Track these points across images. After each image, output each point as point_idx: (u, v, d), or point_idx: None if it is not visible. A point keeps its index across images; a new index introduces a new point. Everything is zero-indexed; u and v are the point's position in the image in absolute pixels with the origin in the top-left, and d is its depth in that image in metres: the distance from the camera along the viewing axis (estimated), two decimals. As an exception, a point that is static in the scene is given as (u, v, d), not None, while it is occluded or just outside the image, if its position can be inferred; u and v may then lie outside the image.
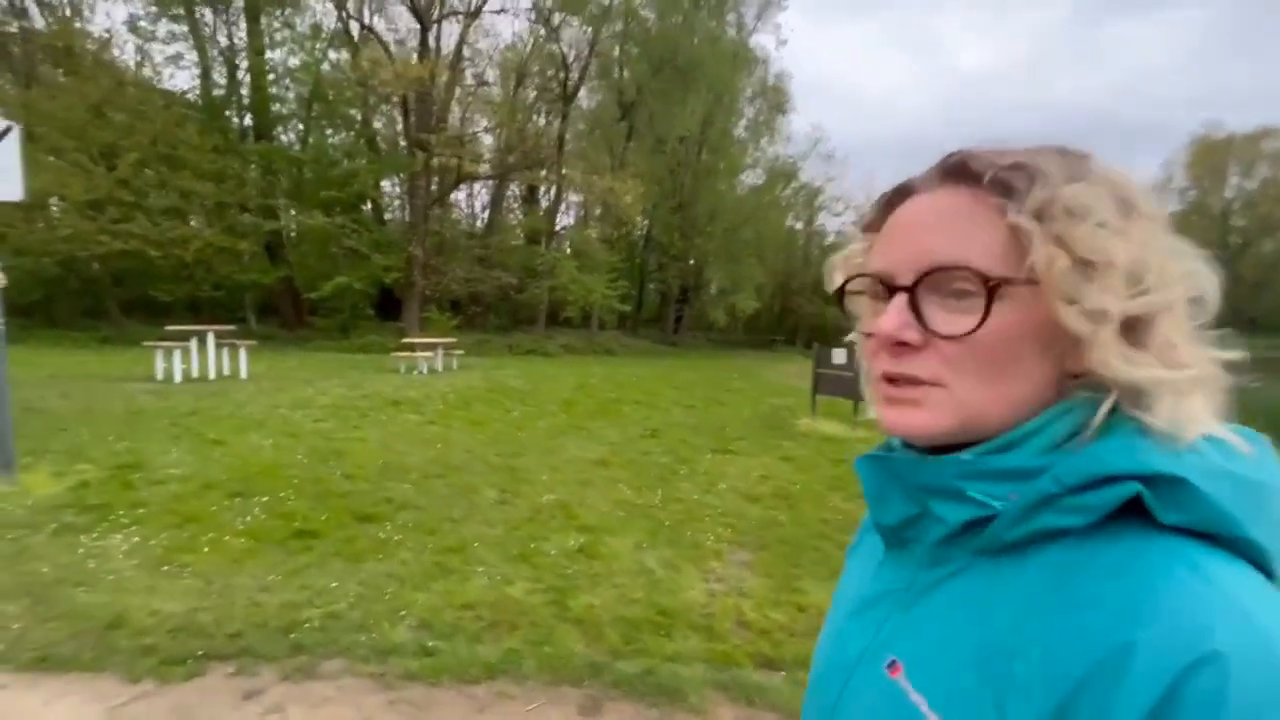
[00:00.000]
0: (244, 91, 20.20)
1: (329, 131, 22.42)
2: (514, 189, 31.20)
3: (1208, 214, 56.98)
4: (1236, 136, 54.77)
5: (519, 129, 20.52)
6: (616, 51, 22.83)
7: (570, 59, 20.92)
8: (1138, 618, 0.33)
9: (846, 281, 0.49)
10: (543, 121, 24.57)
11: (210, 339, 11.12)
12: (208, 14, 19.64)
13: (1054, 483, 0.37)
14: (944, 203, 0.42)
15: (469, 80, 21.71)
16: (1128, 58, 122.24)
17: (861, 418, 8.11)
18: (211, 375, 10.95)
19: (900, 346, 0.42)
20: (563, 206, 23.85)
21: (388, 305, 22.73)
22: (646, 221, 22.70)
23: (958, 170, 0.42)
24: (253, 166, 17.69)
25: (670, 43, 21.38)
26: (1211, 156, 56.58)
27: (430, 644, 2.61)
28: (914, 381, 0.42)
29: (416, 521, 4.05)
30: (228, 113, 21.06)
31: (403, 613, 2.87)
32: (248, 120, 20.91)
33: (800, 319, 34.79)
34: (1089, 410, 0.39)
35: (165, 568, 3.23)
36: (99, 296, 19.21)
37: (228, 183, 17.46)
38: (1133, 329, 0.38)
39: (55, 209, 15.64)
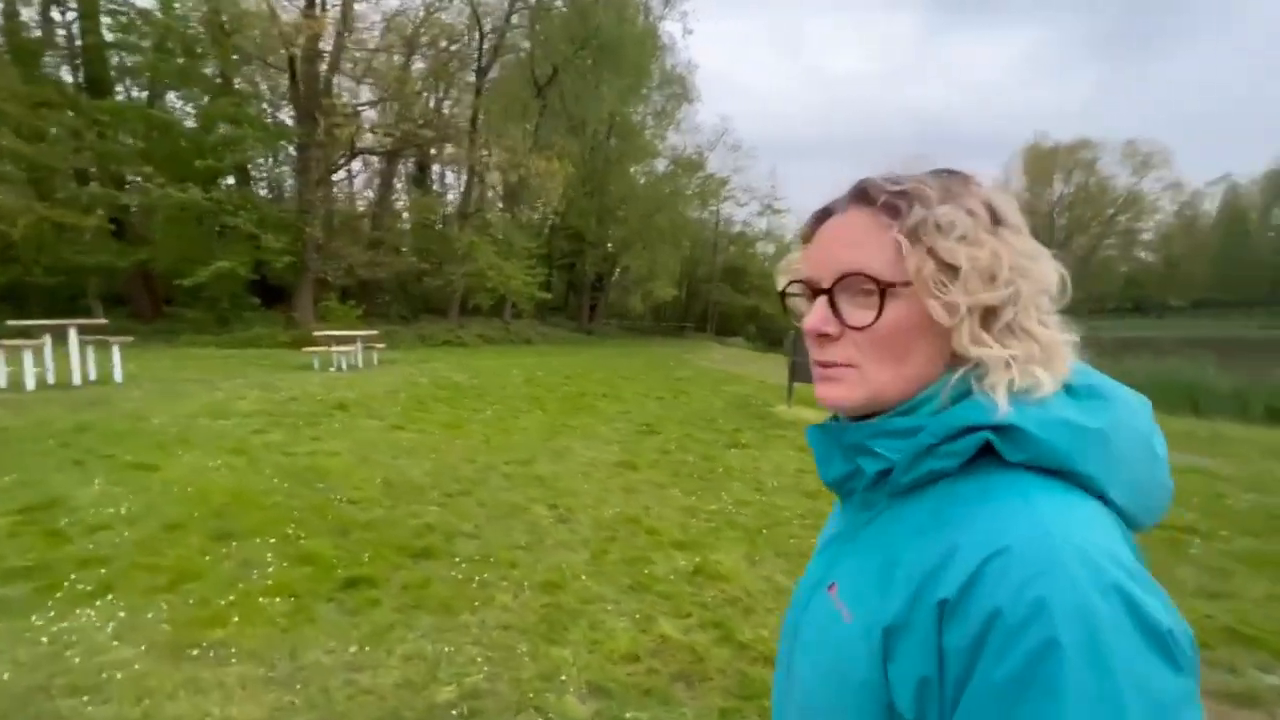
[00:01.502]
0: (75, 35, 16.62)
1: (191, 91, 19.05)
2: (401, 167, 28.89)
3: (1038, 213, 65.90)
4: (1060, 146, 63.69)
5: (424, 100, 18.79)
6: (535, 26, 21.53)
7: (487, 29, 19.41)
8: (966, 527, 0.46)
9: (788, 285, 0.60)
10: (445, 95, 22.81)
11: (73, 336, 8.99)
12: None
13: (930, 436, 0.50)
14: (851, 221, 0.54)
15: (365, 43, 19.46)
16: (972, 71, 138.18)
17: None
18: (75, 380, 8.88)
19: (823, 337, 0.54)
20: (474, 188, 22.22)
21: (265, 293, 19.91)
22: (559, 206, 21.81)
23: (860, 195, 0.54)
24: (97, 127, 14.49)
25: (593, 19, 20.54)
26: (1040, 163, 65.43)
27: (629, 716, 2.09)
28: (835, 364, 0.54)
29: (483, 553, 3.38)
30: (48, 59, 17.27)
31: (561, 677, 2.30)
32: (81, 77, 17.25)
33: (708, 306, 35.60)
34: (963, 382, 0.50)
35: (193, 651, 2.37)
36: None
37: (60, 146, 14.24)
38: (987, 317, 0.50)
39: None
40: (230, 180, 18.82)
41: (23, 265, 15.08)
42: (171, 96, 20.01)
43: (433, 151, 24.80)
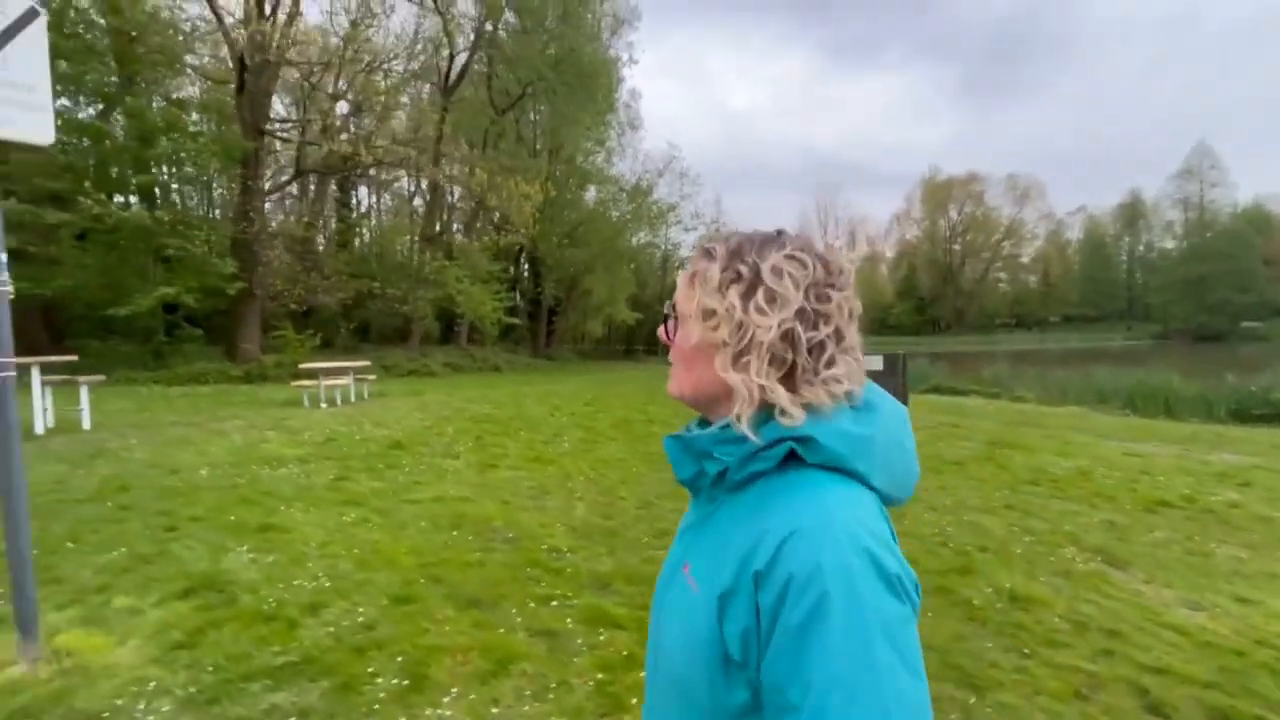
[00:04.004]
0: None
1: (93, 99, 16.87)
2: (363, 187, 27.26)
3: (935, 239, 72.39)
4: (953, 179, 70.50)
5: (388, 117, 17.85)
6: (504, 47, 21.07)
7: (462, 47, 18.79)
8: (774, 515, 0.59)
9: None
10: (401, 114, 21.79)
11: (35, 375, 7.57)
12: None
13: (755, 444, 0.62)
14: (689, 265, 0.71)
15: (312, 55, 18.25)
16: (857, 109, 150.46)
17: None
18: (39, 428, 7.48)
19: (664, 344, 0.74)
20: (437, 210, 21.20)
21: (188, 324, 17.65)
22: (531, 230, 21.28)
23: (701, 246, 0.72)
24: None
25: (567, 42, 20.40)
26: (936, 194, 72.06)
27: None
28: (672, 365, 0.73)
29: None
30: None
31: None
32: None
33: (657, 329, 35.86)
34: (765, 402, 0.63)
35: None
36: None
37: None
38: (736, 354, 0.64)
39: None
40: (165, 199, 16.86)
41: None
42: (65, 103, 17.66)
43: (374, 173, 23.62)
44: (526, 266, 28.16)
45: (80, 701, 2.19)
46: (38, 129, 2.41)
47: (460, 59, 19.54)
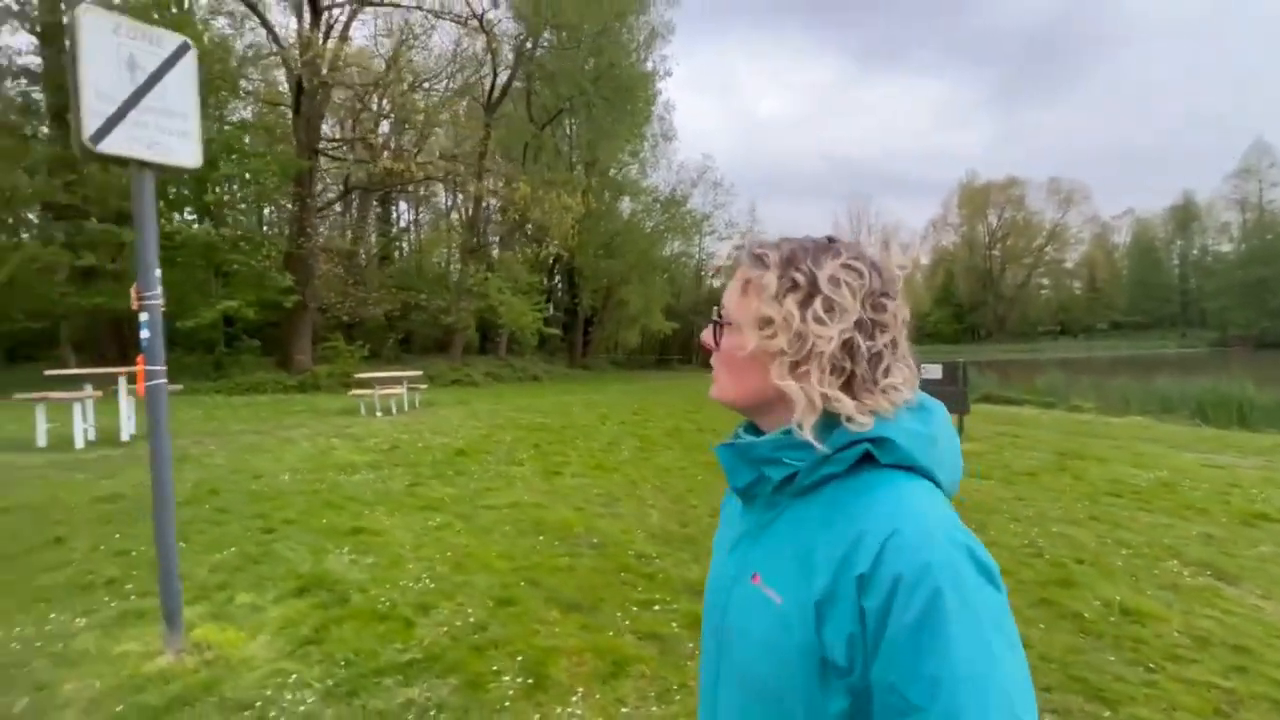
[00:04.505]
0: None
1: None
2: (401, 203, 28.07)
3: (974, 245, 70.74)
4: (991, 184, 68.90)
5: (435, 134, 18.36)
6: (543, 62, 21.54)
7: (503, 64, 19.29)
8: (866, 517, 0.59)
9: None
10: (440, 131, 22.38)
11: (122, 386, 8.00)
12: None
13: (827, 447, 0.63)
14: (737, 272, 0.70)
15: (368, 74, 18.93)
16: (889, 115, 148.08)
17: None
18: (124, 435, 7.87)
19: (705, 349, 0.74)
20: (480, 223, 21.69)
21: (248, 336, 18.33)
22: (570, 242, 21.59)
23: (748, 250, 0.71)
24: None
25: (606, 56, 20.75)
26: (974, 199, 70.49)
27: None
28: (714, 369, 0.74)
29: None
30: (23, 86, 15.86)
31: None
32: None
33: (693, 337, 35.87)
34: (828, 408, 0.64)
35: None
36: None
37: (66, 177, 12.96)
38: (791, 361, 0.65)
39: None
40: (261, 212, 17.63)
41: (-4, 310, 13.48)
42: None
43: (415, 188, 24.28)
44: (559, 278, 28.50)
45: (229, 691, 2.31)
46: (188, 154, 2.58)
47: (502, 76, 20.02)
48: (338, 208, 24.74)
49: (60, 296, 13.55)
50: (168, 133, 2.51)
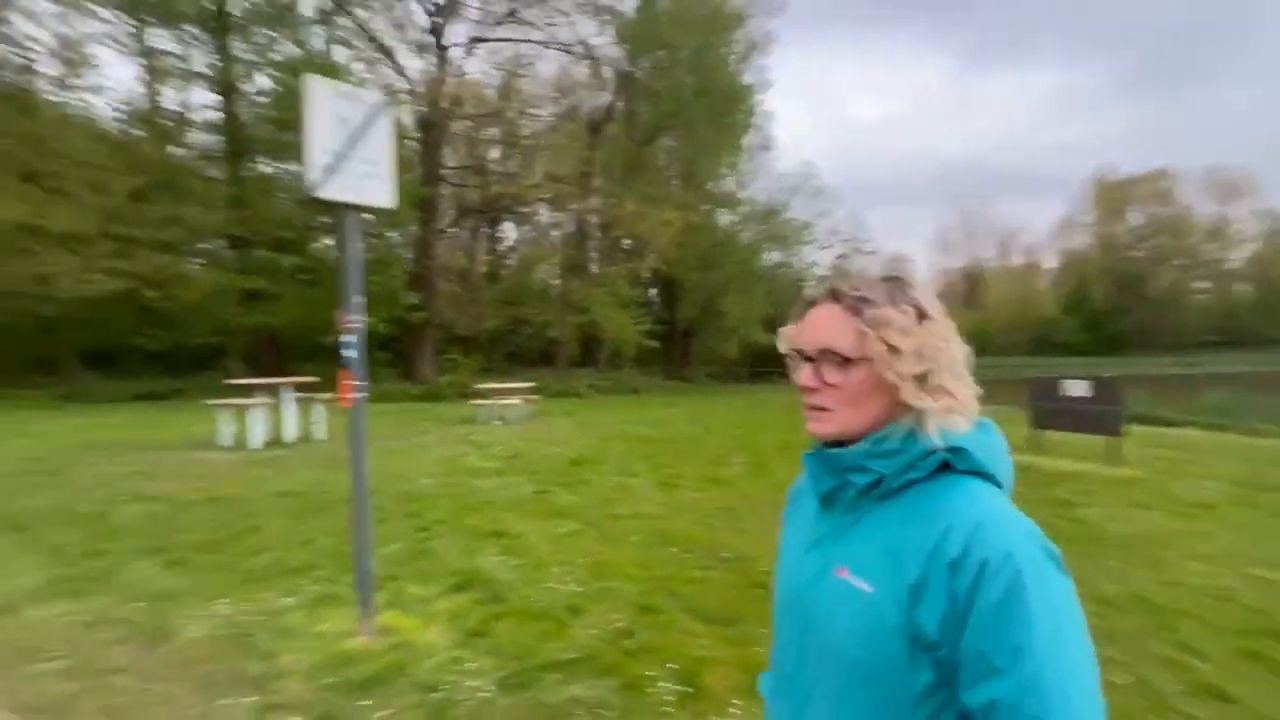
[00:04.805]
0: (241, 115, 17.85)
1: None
2: (509, 223, 29.77)
3: (1111, 246, 63.58)
4: (1132, 178, 61.74)
5: (544, 157, 19.35)
6: (645, 82, 22.19)
7: (607, 88, 20.09)
8: (950, 514, 0.69)
9: (787, 351, 0.83)
10: (547, 154, 23.54)
11: (288, 394, 9.12)
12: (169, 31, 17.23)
13: (910, 456, 0.73)
14: (827, 313, 0.77)
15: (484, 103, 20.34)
16: (997, 112, 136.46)
17: (1110, 453, 7.49)
18: (287, 437, 8.95)
19: (810, 389, 0.77)
20: (586, 240, 22.58)
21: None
22: (671, 256, 21.88)
23: (833, 294, 0.77)
24: (278, 196, 15.31)
25: (705, 74, 21.05)
26: (1110, 196, 63.47)
27: None
28: (819, 408, 0.77)
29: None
30: (205, 139, 18.60)
31: None
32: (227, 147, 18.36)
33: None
34: (912, 421, 0.74)
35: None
36: (53, 347, 16.07)
37: (241, 212, 15.05)
38: (921, 379, 0.73)
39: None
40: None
41: (181, 329, 15.80)
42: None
43: (524, 209, 25.64)
44: (656, 291, 28.81)
45: (416, 673, 2.58)
46: (384, 195, 2.95)
47: (605, 99, 20.77)
48: (453, 229, 26.74)
49: (232, 315, 15.62)
50: (368, 177, 2.88)
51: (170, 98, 18.60)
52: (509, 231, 29.42)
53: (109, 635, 2.93)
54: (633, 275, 22.90)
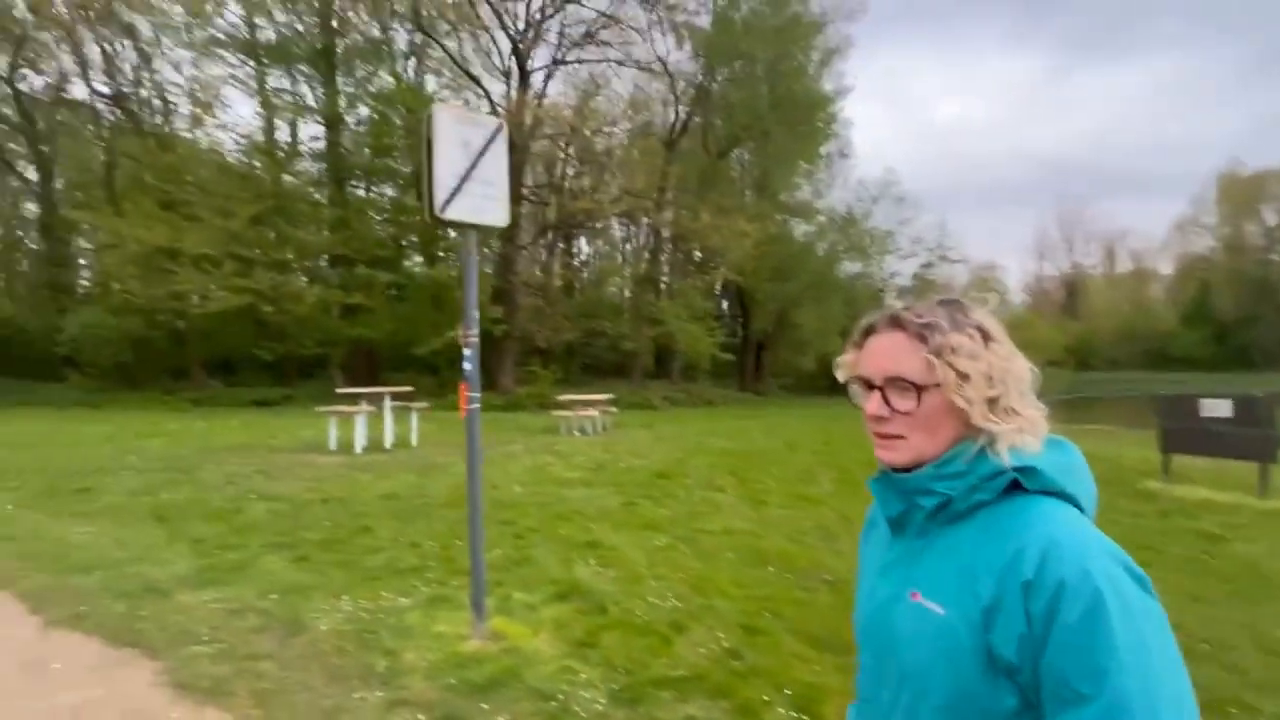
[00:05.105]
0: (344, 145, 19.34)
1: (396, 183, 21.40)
2: (582, 239, 30.52)
3: (1240, 249, 57.16)
4: (1264, 173, 55.37)
5: (629, 173, 19.70)
6: (721, 95, 22.28)
7: (683, 102, 20.32)
8: (1023, 534, 0.67)
9: (848, 379, 0.82)
10: (619, 170, 23.97)
11: (388, 403, 9.70)
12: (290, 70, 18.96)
13: (977, 477, 0.72)
14: (891, 340, 0.76)
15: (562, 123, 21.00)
16: (1097, 108, 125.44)
17: (1250, 481, 6.66)
18: (387, 443, 9.49)
19: (879, 418, 0.76)
20: (660, 253, 22.78)
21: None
22: (746, 267, 21.67)
23: (895, 322, 0.76)
24: (374, 217, 16.54)
25: (782, 85, 20.88)
26: (1237, 194, 57.15)
27: None
28: (889, 436, 0.76)
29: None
30: (312, 165, 20.29)
31: None
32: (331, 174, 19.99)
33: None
34: (982, 443, 0.73)
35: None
36: (183, 357, 17.85)
37: (343, 233, 16.33)
38: (992, 402, 0.72)
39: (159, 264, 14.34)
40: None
41: (292, 341, 17.21)
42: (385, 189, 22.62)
43: (597, 224, 26.18)
44: (726, 303, 28.56)
45: (531, 680, 2.63)
46: (499, 215, 3.09)
47: (681, 114, 20.94)
48: (531, 245, 27.72)
49: (335, 328, 16.83)
50: (485, 199, 3.02)
51: (283, 130, 20.52)
52: (582, 246, 30.09)
53: (250, 623, 3.18)
54: (706, 287, 22.84)
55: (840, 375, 0.83)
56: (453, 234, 21.57)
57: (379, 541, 4.50)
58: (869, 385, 0.77)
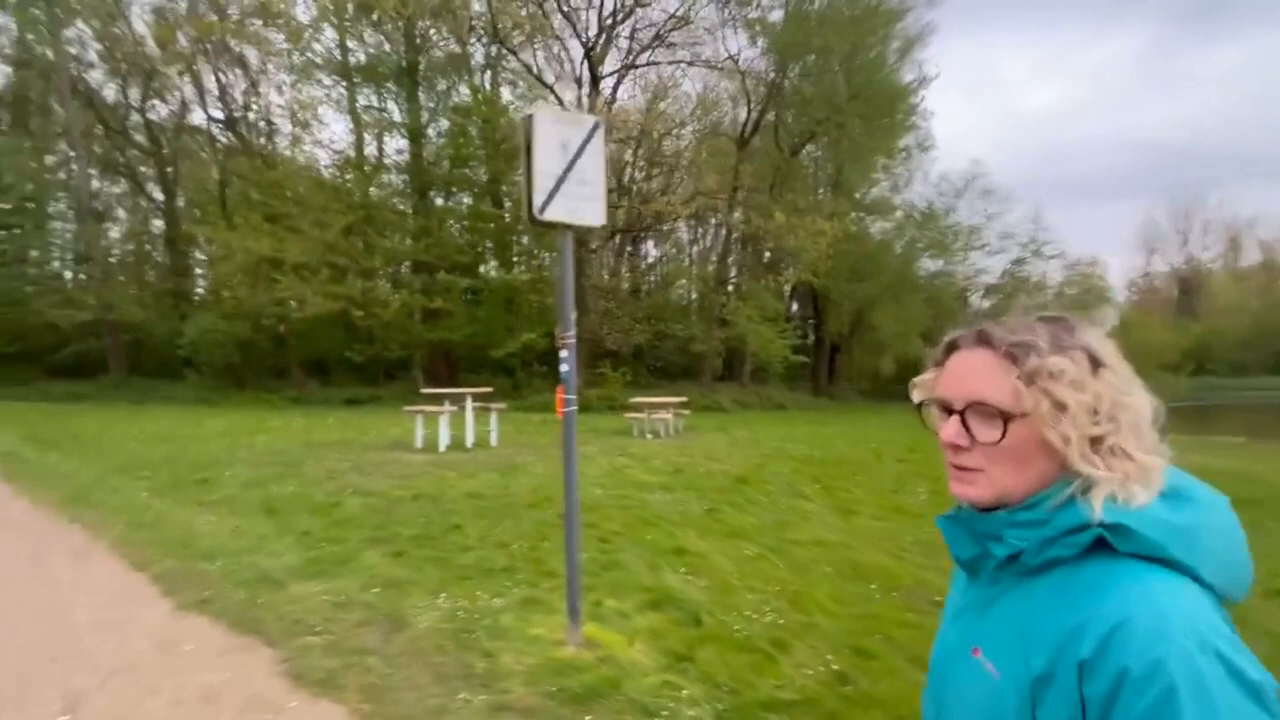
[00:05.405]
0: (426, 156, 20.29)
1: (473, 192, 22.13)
2: (647, 241, 30.60)
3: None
4: None
5: (698, 173, 19.57)
6: (795, 91, 21.76)
7: (754, 100, 20.00)
8: (1094, 603, 0.58)
9: (922, 401, 0.73)
10: (690, 171, 23.80)
11: (469, 403, 10.00)
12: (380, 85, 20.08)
13: (1054, 529, 0.62)
14: (977, 360, 0.66)
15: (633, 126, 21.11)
16: (1208, 88, 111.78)
17: None
18: (468, 442, 9.78)
19: (957, 447, 0.67)
20: (731, 254, 22.49)
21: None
22: (822, 267, 20.98)
23: (983, 339, 0.67)
24: (453, 225, 17.31)
25: (858, 78, 20.16)
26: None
27: None
28: (966, 469, 0.67)
29: None
30: (396, 178, 21.38)
31: None
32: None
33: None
34: (1076, 489, 0.62)
35: None
36: (283, 358, 19.18)
37: (425, 241, 17.15)
38: (1096, 441, 0.61)
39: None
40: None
41: (379, 344, 18.19)
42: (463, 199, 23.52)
43: (665, 226, 26.11)
44: (796, 305, 27.76)
45: (631, 692, 2.54)
46: (596, 215, 3.04)
47: (753, 112, 20.56)
48: (600, 248, 28.06)
49: (418, 332, 17.64)
50: (583, 199, 2.98)
51: (371, 145, 21.76)
52: (649, 249, 30.11)
53: (356, 617, 3.28)
54: (777, 288, 22.31)
55: (916, 396, 0.74)
56: (525, 239, 22.30)
57: (468, 540, 4.58)
58: (949, 410, 0.68)
